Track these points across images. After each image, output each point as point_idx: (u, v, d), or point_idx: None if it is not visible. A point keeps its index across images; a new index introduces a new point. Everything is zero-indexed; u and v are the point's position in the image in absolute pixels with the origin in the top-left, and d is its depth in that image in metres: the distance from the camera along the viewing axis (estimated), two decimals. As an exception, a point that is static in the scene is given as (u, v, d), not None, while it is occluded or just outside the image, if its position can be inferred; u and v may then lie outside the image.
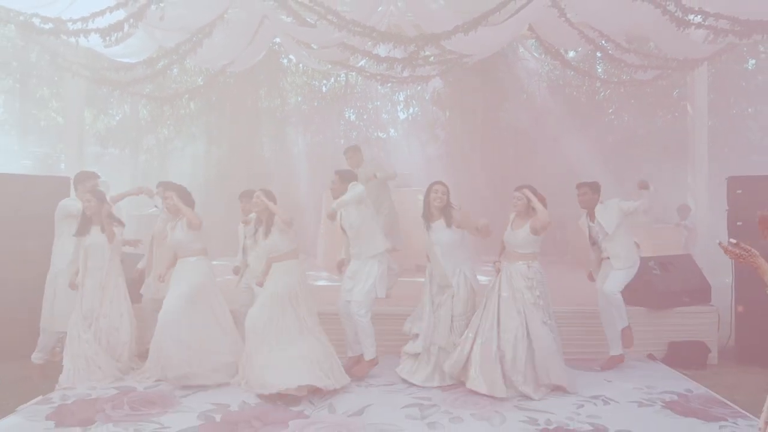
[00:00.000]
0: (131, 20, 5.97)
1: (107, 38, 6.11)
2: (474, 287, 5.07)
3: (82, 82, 8.62)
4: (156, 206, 5.79)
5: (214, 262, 5.72)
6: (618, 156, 13.54)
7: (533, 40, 9.06)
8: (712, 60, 7.76)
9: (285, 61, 14.76)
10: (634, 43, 9.08)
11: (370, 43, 6.86)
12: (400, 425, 4.18)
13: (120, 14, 6.01)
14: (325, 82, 16.35)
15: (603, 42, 7.30)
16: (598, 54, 10.09)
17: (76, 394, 4.72)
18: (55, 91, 15.73)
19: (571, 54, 10.69)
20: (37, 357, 5.31)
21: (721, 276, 7.64)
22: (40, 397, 4.67)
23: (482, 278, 8.55)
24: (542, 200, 4.84)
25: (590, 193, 5.50)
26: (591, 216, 5.53)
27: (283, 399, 4.53)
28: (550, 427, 4.11)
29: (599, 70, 14.61)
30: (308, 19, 6.86)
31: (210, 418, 4.27)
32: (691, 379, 5.24)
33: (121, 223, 5.42)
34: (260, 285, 5.04)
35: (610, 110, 15.44)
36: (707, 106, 9.75)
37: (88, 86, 9.43)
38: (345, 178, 5.25)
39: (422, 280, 5.28)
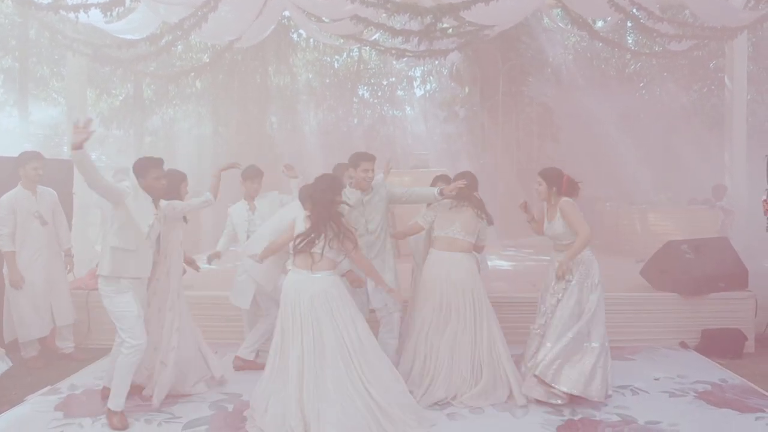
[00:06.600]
0: (133, -6, 6.00)
1: (108, 13, 6.16)
2: None
3: (84, 61, 8.67)
4: None
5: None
6: (650, 132, 13.35)
7: (559, 10, 8.91)
8: (752, 28, 7.60)
9: (295, 36, 14.73)
10: (668, 11, 8.93)
11: (384, 14, 6.81)
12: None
13: (121, -13, 6.04)
14: (337, 57, 16.32)
15: (634, 10, 7.14)
16: (629, 23, 9.93)
17: (84, 384, 4.83)
18: (56, 71, 15.89)
19: (600, 24, 10.50)
20: (26, 353, 5.33)
21: (759, 260, 7.56)
22: (48, 387, 4.77)
23: (503, 263, 8.71)
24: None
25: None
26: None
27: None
28: (576, 418, 4.12)
29: (630, 41, 14.40)
30: (319, -9, 6.82)
31: (222, 408, 4.34)
32: (726, 368, 5.20)
33: None
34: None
35: (642, 84, 15.23)
36: (746, 78, 9.57)
37: (90, 65, 9.50)
38: None
39: None
